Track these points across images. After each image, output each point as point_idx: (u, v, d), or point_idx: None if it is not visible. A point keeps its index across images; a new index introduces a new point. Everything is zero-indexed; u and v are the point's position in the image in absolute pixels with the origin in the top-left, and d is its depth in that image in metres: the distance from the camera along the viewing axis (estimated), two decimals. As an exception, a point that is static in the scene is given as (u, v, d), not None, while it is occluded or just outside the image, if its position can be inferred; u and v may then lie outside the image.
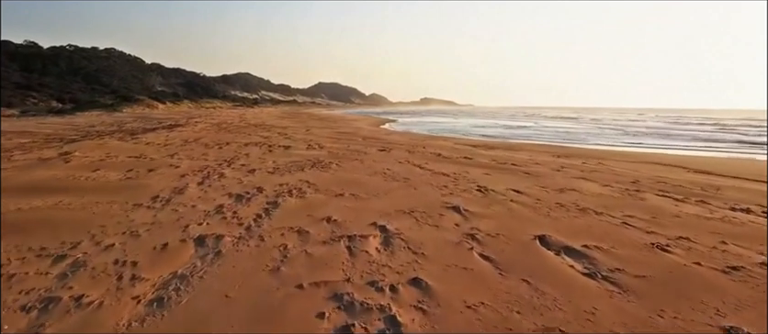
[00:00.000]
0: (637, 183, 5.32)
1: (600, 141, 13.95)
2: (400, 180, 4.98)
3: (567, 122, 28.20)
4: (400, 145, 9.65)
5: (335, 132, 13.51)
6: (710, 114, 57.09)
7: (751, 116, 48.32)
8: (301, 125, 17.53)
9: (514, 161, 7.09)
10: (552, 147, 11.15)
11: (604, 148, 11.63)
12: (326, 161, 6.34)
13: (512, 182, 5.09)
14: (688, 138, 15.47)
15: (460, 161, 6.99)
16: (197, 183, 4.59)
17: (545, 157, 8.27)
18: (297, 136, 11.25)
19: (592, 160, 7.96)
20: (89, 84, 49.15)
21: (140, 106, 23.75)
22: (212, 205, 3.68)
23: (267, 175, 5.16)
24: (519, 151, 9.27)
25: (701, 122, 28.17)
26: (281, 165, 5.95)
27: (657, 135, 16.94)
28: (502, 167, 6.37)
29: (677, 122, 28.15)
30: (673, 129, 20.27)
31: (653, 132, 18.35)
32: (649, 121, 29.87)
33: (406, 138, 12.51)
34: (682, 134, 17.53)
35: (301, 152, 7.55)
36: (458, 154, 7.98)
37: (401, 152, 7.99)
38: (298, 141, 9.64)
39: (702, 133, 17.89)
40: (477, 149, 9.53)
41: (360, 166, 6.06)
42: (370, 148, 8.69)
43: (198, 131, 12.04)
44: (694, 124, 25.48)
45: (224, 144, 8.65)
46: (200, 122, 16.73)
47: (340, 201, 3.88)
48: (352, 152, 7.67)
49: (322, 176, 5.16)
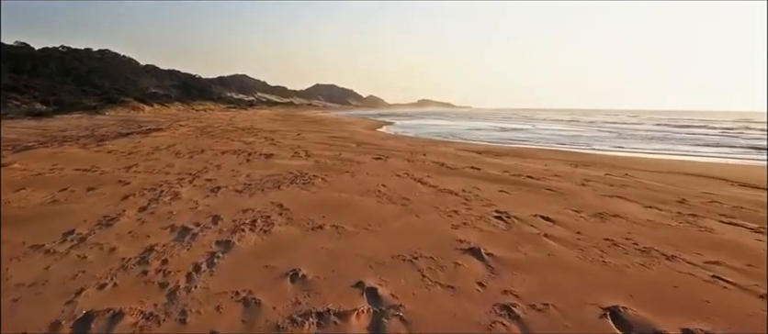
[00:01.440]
0: (685, 202, 4.38)
1: (607, 146, 13.04)
2: (397, 202, 4.00)
3: (565, 125, 27.34)
4: (397, 152, 8.68)
5: (328, 137, 12.52)
6: (701, 116, 55.84)
7: (743, 117, 47.39)
8: (292, 128, 16.52)
9: (530, 173, 6.14)
10: (564, 153, 10.22)
11: (616, 154, 10.72)
12: (310, 175, 5.34)
13: (536, 203, 4.12)
14: (698, 142, 14.55)
15: (467, 172, 6.02)
16: (139, 209, 3.58)
17: (561, 166, 7.33)
18: (284, 141, 10.24)
19: (614, 169, 7.02)
20: (80, 86, 47.92)
21: (124, 109, 22.60)
22: (141, 246, 2.68)
23: (233, 196, 4.15)
24: (530, 159, 8.32)
25: (701, 125, 27.01)
26: (255, 180, 4.95)
27: (665, 140, 16.07)
28: (518, 181, 5.40)
29: (675, 125, 27.17)
30: (677, 133, 19.35)
31: (658, 136, 17.43)
32: (645, 124, 28.95)
33: (404, 143, 11.55)
34: (688, 138, 16.63)
35: (284, 162, 6.55)
36: (464, 163, 7.02)
37: (399, 161, 7.02)
38: (283, 148, 8.64)
39: (709, 137, 16.95)
40: (483, 156, 8.58)
41: (350, 181, 5.07)
42: (364, 156, 7.71)
43: (177, 136, 11.00)
44: (696, 127, 24.53)
45: (199, 152, 7.63)
46: (184, 125, 15.67)
47: (317, 238, 2.89)
48: (343, 162, 6.69)
49: (302, 196, 4.16)
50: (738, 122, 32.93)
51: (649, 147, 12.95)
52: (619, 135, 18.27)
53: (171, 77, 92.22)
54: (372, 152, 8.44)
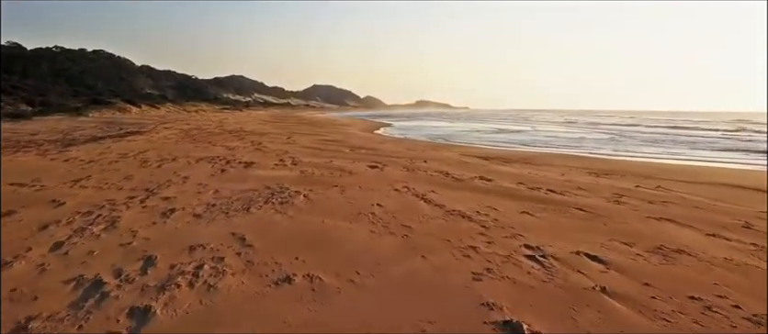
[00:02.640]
0: (750, 227, 3.53)
1: (616, 149, 12.20)
2: (396, 231, 3.12)
3: (562, 127, 26.52)
4: (396, 158, 7.81)
5: (320, 140, 11.63)
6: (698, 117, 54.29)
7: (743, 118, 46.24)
8: (284, 131, 15.62)
9: (549, 184, 5.27)
10: (577, 159, 9.37)
11: (634, 159, 9.88)
12: (292, 191, 4.45)
13: (571, 231, 3.26)
14: (715, 146, 13.70)
15: (477, 185, 5.15)
16: (51, 247, 2.67)
17: (580, 175, 6.48)
18: (271, 146, 9.34)
19: (643, 179, 6.18)
20: (72, 87, 46.91)
21: (110, 110, 21.58)
22: (12, 321, 1.79)
23: (186, 223, 3.25)
24: (543, 167, 7.47)
25: (709, 128, 25.82)
26: (222, 199, 4.05)
27: (676, 143, 15.27)
28: (538, 196, 4.54)
29: (677, 126, 26.20)
30: (686, 136, 18.48)
31: (667, 139, 16.57)
32: (645, 125, 28.00)
33: (403, 147, 10.67)
34: (700, 141, 15.76)
35: (265, 173, 5.65)
36: (471, 172, 6.15)
37: (398, 170, 6.14)
38: (268, 154, 7.74)
39: (723, 141, 16.04)
40: (490, 163, 7.72)
41: (339, 199, 4.19)
42: (359, 163, 6.83)
43: (155, 140, 10.08)
44: (703, 129, 23.57)
45: (170, 160, 6.72)
46: (169, 128, 14.72)
47: (280, 301, 2.00)
48: (333, 172, 5.80)
49: (274, 224, 3.28)
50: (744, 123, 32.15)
51: (663, 151, 12.13)
52: (622, 137, 17.45)
53: (167, 78, 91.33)
54: (367, 159, 7.57)
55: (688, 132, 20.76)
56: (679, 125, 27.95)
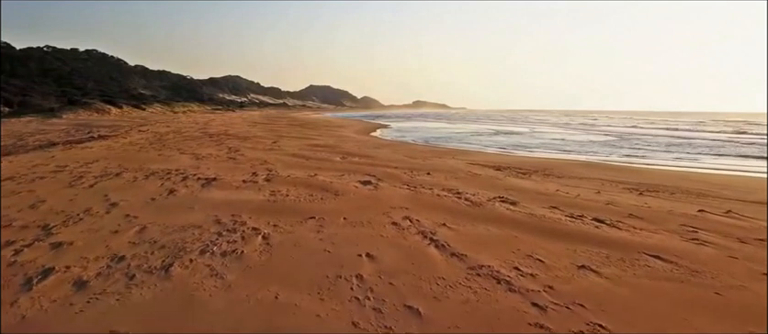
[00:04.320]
0: None
1: (630, 155, 11.01)
2: (399, 318, 1.88)
3: (561, 128, 25.48)
4: (394, 168, 6.58)
5: (309, 145, 10.37)
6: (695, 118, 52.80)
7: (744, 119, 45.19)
8: (272, 134, 14.33)
9: (591, 210, 4.05)
10: (601, 168, 8.15)
11: (662, 168, 8.71)
12: (248, 228, 3.19)
13: (674, 310, 2.03)
14: (738, 153, 12.32)
15: (502, 213, 3.91)
16: None
17: (618, 192, 5.28)
18: (250, 154, 8.07)
19: (698, 199, 4.99)
20: (61, 87, 45.43)
21: (87, 111, 20.17)
22: None
23: (53, 302, 2.00)
24: (569, 180, 6.26)
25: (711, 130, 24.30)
26: (143, 244, 2.79)
27: (697, 147, 14.15)
28: (587, 232, 3.31)
29: (677, 128, 25.06)
30: (696, 139, 17.37)
31: (681, 142, 15.32)
32: (644, 127, 26.81)
33: (402, 152, 9.43)
34: (714, 145, 14.55)
35: (223, 195, 4.38)
36: (488, 190, 4.92)
37: (397, 188, 4.90)
38: (240, 166, 6.47)
39: (739, 147, 14.65)
40: (505, 175, 6.49)
41: (312, 242, 2.94)
42: (349, 177, 5.58)
43: (117, 147, 8.77)
44: (710, 131, 22.30)
45: (113, 175, 5.43)
46: (143, 131, 13.39)
47: None
48: (313, 194, 4.54)
49: (194, 303, 2.03)
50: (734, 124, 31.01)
51: (684, 156, 10.95)
52: (629, 140, 16.30)
53: (161, 78, 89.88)
54: (360, 170, 6.33)
55: (692, 135, 19.60)
56: (677, 127, 26.73)
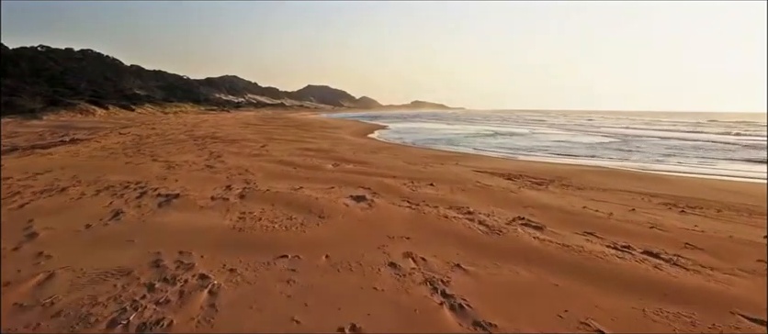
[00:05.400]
0: None
1: (642, 159, 10.22)
2: None
3: (560, 129, 24.72)
4: (392, 178, 5.78)
5: (300, 149, 9.54)
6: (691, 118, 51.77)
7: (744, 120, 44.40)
8: (263, 136, 13.50)
9: (635, 237, 3.25)
10: (623, 176, 7.33)
11: (685, 175, 7.93)
12: (192, 278, 2.36)
13: None
14: (754, 158, 11.58)
15: (529, 245, 3.10)
16: None
17: (656, 209, 4.48)
18: (230, 161, 7.24)
19: (752, 219, 4.20)
20: (53, 87, 44.48)
21: (71, 112, 19.26)
22: None
23: None
24: (592, 193, 5.46)
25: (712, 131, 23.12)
26: (12, 326, 1.97)
27: (710, 151, 13.38)
28: (645, 276, 2.51)
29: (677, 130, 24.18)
30: (703, 141, 16.57)
31: (685, 146, 14.37)
32: (644, 128, 26.02)
33: (401, 158, 8.62)
34: (720, 148, 13.74)
35: (179, 220, 3.56)
36: (504, 208, 4.11)
37: (396, 206, 4.09)
38: (216, 176, 5.64)
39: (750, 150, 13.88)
40: (520, 186, 5.68)
41: (277, 300, 2.12)
42: (340, 190, 4.77)
43: (81, 154, 7.92)
44: (717, 133, 21.39)
45: (58, 190, 4.59)
46: (124, 134, 12.51)
47: None
48: (293, 217, 3.72)
49: None
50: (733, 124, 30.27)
51: (698, 162, 10.17)
52: (632, 142, 15.55)
53: (157, 78, 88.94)
54: (353, 181, 5.51)
55: (696, 137, 18.74)
56: (675, 128, 25.95)
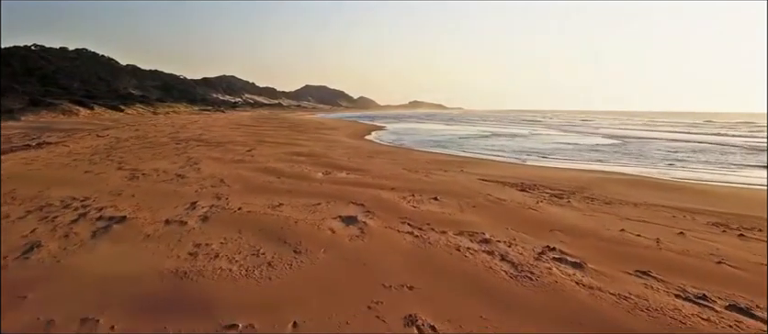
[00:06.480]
0: None
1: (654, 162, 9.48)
2: None
3: (557, 130, 24.11)
4: (391, 190, 5.00)
5: (290, 154, 8.74)
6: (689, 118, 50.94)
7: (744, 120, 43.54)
8: (253, 138, 12.68)
9: (714, 284, 2.48)
10: (648, 185, 6.55)
11: (718, 182, 7.18)
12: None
13: None
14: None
15: (573, 299, 2.32)
16: None
17: (708, 233, 3.71)
18: (210, 168, 6.43)
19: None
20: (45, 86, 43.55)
21: (52, 112, 18.36)
22: None
23: None
24: (621, 208, 4.68)
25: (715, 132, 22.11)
26: None
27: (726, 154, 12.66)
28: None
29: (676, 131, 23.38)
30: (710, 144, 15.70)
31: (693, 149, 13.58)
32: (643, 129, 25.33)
33: (400, 162, 7.84)
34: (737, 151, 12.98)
35: (109, 260, 2.76)
36: (526, 234, 3.34)
37: (393, 232, 3.30)
38: (184, 188, 4.83)
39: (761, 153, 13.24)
40: (537, 200, 4.89)
41: None
42: (329, 207, 3.97)
43: (43, 160, 7.09)
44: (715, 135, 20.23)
45: (-15, 209, 3.78)
46: (101, 137, 11.65)
47: None
48: (264, 248, 2.93)
49: None
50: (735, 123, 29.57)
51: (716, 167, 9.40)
52: (634, 143, 14.88)
53: (152, 78, 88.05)
54: (345, 194, 4.72)
55: (701, 138, 17.95)
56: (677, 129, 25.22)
